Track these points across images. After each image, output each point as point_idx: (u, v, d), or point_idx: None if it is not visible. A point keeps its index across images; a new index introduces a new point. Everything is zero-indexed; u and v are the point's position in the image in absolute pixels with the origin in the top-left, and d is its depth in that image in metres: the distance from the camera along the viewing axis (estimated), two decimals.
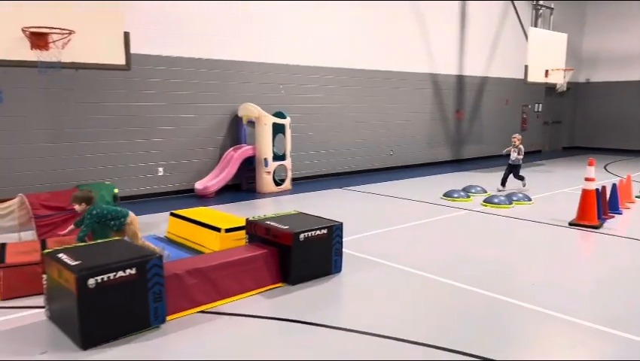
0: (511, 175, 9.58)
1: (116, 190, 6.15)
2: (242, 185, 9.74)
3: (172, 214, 6.15)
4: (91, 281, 3.35)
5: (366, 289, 4.56)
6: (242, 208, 7.94)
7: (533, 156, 16.30)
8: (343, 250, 4.99)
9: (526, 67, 12.84)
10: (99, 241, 4.27)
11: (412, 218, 7.29)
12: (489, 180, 10.42)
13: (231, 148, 9.57)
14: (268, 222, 4.84)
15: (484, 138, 15.18)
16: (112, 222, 4.91)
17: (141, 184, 8.67)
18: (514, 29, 15.20)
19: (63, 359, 3.26)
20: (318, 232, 4.70)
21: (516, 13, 15.00)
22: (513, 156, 9.43)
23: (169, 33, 8.63)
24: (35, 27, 5.18)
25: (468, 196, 8.74)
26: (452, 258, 5.46)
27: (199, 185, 9.02)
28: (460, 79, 14.17)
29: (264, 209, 7.97)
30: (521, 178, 9.58)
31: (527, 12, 15.13)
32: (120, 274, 3.48)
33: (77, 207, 4.90)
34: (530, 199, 8.51)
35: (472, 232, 6.70)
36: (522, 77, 13.30)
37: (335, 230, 4.84)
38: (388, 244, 5.98)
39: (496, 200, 8.19)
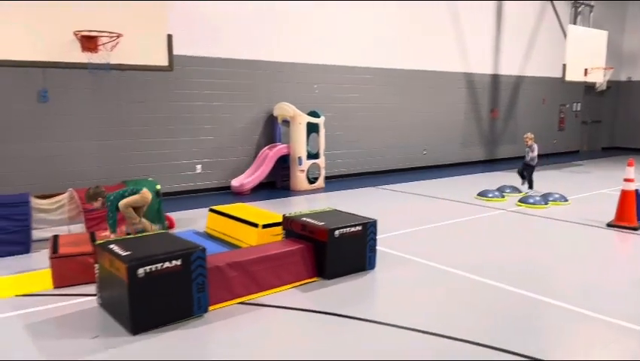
0: (534, 174, 9.29)
1: (158, 186, 6.40)
2: (277, 183, 9.94)
3: (211, 210, 6.37)
4: (140, 271, 3.56)
5: (400, 285, 4.65)
6: (277, 205, 8.12)
7: (571, 156, 15.99)
8: (377, 247, 5.09)
9: (564, 65, 12.61)
10: (146, 234, 4.50)
11: (446, 217, 7.32)
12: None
13: (266, 147, 9.78)
14: (304, 219, 4.98)
15: (519, 137, 14.86)
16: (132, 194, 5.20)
17: (181, 181, 8.97)
18: (552, 27, 14.94)
19: (114, 343, 3.48)
20: (352, 229, 4.82)
21: (555, 11, 14.73)
22: (528, 156, 9.21)
23: (206, 34, 8.89)
24: (87, 31, 5.47)
25: (503, 196, 8.70)
26: (486, 257, 5.48)
27: (235, 182, 9.27)
28: (495, 78, 14.01)
29: (298, 206, 8.12)
30: (523, 177, 9.21)
31: (566, 10, 14.83)
32: (167, 265, 3.68)
33: (95, 204, 5.20)
34: (567, 200, 8.40)
35: (507, 232, 6.69)
36: (560, 75, 13.08)
37: (369, 227, 4.94)
38: (422, 243, 6.04)
39: (531, 200, 8.12)
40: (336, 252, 4.71)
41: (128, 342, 3.49)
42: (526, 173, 9.23)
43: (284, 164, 9.73)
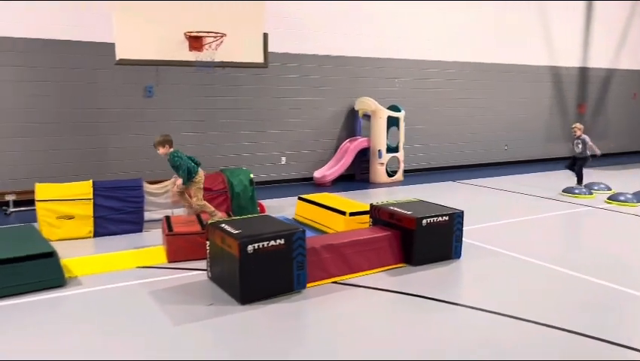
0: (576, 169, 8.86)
1: (252, 175, 6.90)
2: (356, 175, 10.23)
3: (300, 198, 6.77)
4: (250, 247, 3.97)
5: (487, 274, 4.78)
6: (358, 196, 8.38)
7: None
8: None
9: None
10: (250, 215, 4.94)
11: (530, 212, 7.27)
12: (614, 177, 9.91)
13: (347, 140, 10.09)
14: (392, 208, 5.22)
15: (609, 133, 14.25)
16: (189, 177, 5.54)
17: (267, 171, 9.50)
18: None
19: (226, 311, 3.91)
20: (439, 219, 5.00)
21: None
22: (578, 148, 8.73)
23: (296, 32, 9.33)
24: (195, 32, 6.02)
25: (591, 193, 8.45)
26: (575, 251, 5.48)
27: (317, 174, 9.66)
28: (583, 71, 13.46)
29: (379, 198, 8.32)
30: (574, 171, 8.82)
31: None
32: (272, 243, 4.07)
33: (161, 149, 5.53)
34: None
35: (596, 228, 6.57)
36: None
37: (456, 217, 5.10)
38: (507, 236, 6.09)
39: (622, 198, 7.85)
40: (424, 240, 4.91)
41: (238, 310, 3.91)
42: (577, 166, 8.82)
43: (363, 157, 10.00)
